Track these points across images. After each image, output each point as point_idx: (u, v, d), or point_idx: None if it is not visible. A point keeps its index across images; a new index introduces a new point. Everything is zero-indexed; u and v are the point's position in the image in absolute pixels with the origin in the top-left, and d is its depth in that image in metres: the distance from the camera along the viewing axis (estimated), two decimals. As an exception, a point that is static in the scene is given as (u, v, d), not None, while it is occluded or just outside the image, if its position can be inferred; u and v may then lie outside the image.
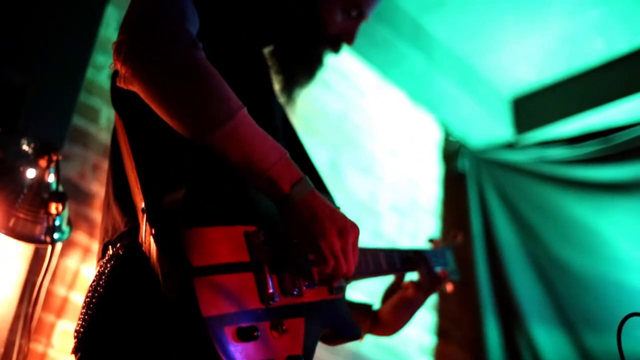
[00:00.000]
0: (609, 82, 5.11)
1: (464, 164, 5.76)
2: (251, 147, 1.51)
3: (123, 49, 1.49)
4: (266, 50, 2.15)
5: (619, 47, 5.04)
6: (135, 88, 1.51)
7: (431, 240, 2.55)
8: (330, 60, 2.35)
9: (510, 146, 5.72)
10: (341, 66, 5.00)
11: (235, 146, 1.49)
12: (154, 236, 1.39)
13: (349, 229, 1.62)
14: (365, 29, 2.51)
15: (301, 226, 1.57)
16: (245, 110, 1.53)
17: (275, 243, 1.58)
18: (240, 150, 1.50)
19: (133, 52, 1.49)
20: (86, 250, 3.21)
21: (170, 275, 1.35)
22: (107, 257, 1.62)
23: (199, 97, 1.48)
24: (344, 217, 1.63)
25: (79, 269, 3.18)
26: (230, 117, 1.48)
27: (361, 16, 2.12)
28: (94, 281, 1.61)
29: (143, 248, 1.46)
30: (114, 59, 1.51)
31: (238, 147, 1.49)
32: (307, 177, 1.60)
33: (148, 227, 1.42)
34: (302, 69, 2.14)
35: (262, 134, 1.55)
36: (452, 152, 5.87)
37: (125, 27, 1.54)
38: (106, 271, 1.57)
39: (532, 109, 5.60)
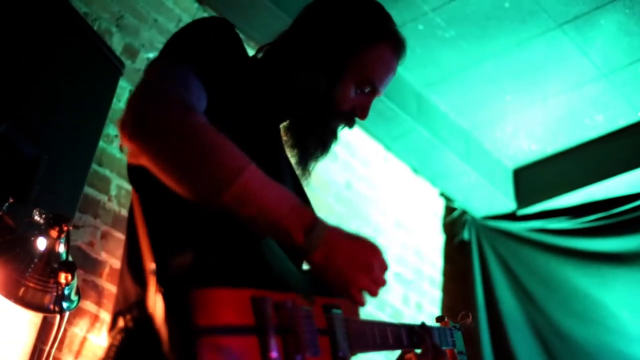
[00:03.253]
0: (609, 155, 5.18)
1: (466, 234, 5.79)
2: (261, 201, 1.52)
3: (127, 126, 1.53)
4: (282, 125, 2.18)
5: (619, 121, 5.14)
6: (143, 161, 1.55)
7: (439, 319, 2.52)
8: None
9: (512, 216, 5.77)
10: (346, 137, 5.08)
11: (245, 204, 1.51)
12: (162, 295, 1.38)
13: (371, 260, 1.66)
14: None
15: (326, 278, 1.62)
16: (252, 165, 1.54)
17: (283, 308, 1.56)
18: (251, 207, 1.51)
19: (135, 128, 1.53)
20: (94, 319, 3.25)
21: (174, 334, 1.35)
22: (117, 329, 1.62)
23: (202, 159, 1.51)
24: (361, 249, 1.66)
25: (87, 337, 3.21)
26: (236, 176, 1.50)
27: (374, 92, 2.13)
28: (104, 353, 1.61)
29: (149, 310, 1.44)
30: (121, 136, 1.55)
31: (248, 205, 1.51)
32: (319, 218, 1.61)
33: (156, 287, 1.41)
34: (316, 143, 2.14)
35: (272, 186, 1.57)
36: (455, 222, 5.92)
37: (128, 105, 1.59)
38: (116, 343, 1.58)
39: (534, 180, 5.66)
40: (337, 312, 1.74)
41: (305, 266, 1.77)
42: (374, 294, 1.69)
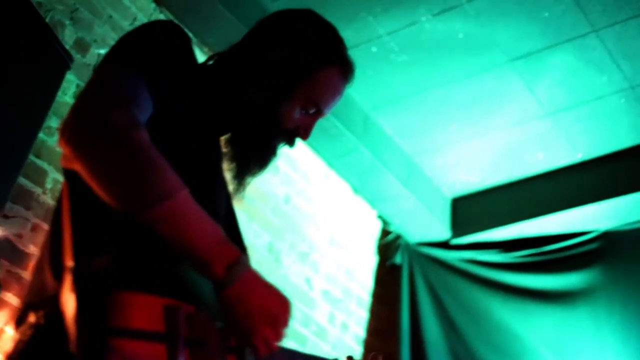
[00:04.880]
0: (546, 193, 5.27)
1: (399, 258, 5.84)
2: (187, 228, 1.51)
3: (66, 130, 1.52)
4: (223, 138, 2.17)
5: (559, 161, 5.24)
6: (76, 167, 1.53)
7: (349, 358, 2.49)
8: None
9: (446, 245, 5.83)
10: (289, 151, 5.05)
11: (170, 226, 1.50)
12: (75, 293, 1.38)
13: (280, 314, 1.61)
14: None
15: (234, 318, 1.56)
16: (185, 191, 1.53)
17: (195, 320, 1.55)
18: (176, 231, 1.50)
19: (74, 133, 1.52)
20: (14, 311, 3.19)
21: (84, 334, 1.34)
22: (27, 324, 1.59)
23: (134, 176, 1.49)
24: (275, 300, 1.62)
25: (4, 330, 3.16)
26: (166, 197, 1.49)
27: (319, 114, 2.12)
28: (12, 348, 1.59)
29: (60, 307, 1.44)
30: (59, 139, 1.54)
31: (174, 228, 1.50)
32: (243, 255, 1.58)
33: (70, 284, 1.41)
34: (256, 159, 2.11)
35: (201, 216, 1.55)
36: (389, 245, 5.96)
37: (73, 109, 1.57)
38: (24, 339, 1.56)
39: (470, 211, 5.73)
40: None
41: None
42: (272, 348, 1.62)
